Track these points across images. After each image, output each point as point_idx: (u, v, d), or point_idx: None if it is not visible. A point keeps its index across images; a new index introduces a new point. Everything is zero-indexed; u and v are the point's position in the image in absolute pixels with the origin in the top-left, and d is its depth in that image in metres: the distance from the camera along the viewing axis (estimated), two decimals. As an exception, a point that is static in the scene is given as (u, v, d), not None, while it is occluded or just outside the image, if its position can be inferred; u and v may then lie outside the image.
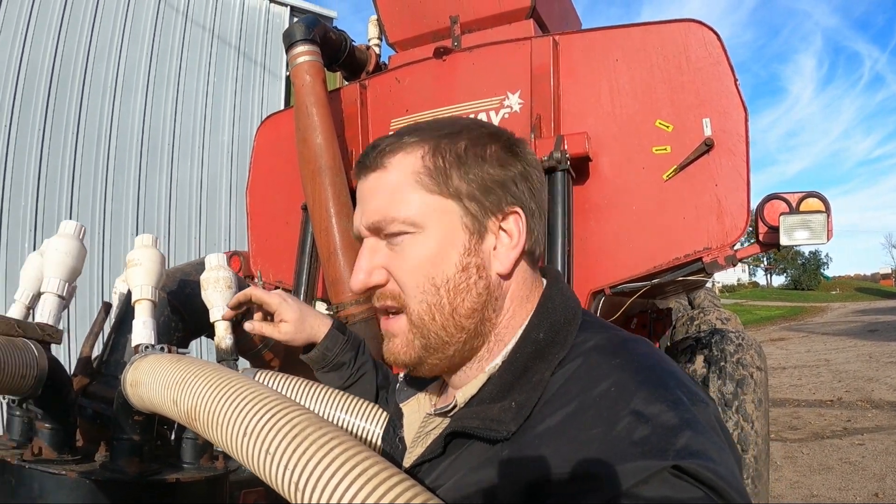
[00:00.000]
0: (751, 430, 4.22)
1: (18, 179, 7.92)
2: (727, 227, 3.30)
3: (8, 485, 1.52)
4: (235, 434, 1.03)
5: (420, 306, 1.24)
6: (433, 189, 1.23)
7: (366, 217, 1.27)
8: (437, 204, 1.23)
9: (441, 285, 1.23)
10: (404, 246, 1.24)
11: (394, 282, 1.26)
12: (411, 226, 1.23)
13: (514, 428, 1.12)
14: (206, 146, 9.71)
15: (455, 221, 1.24)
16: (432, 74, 4.11)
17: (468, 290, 1.24)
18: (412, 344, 1.26)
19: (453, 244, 1.23)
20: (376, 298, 1.30)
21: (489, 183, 1.25)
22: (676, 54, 3.42)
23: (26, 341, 1.52)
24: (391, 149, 1.27)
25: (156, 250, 1.78)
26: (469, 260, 1.24)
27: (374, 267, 1.27)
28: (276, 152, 4.89)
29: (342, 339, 1.97)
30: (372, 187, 1.27)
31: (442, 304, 1.23)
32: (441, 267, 1.23)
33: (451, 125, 1.31)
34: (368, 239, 1.29)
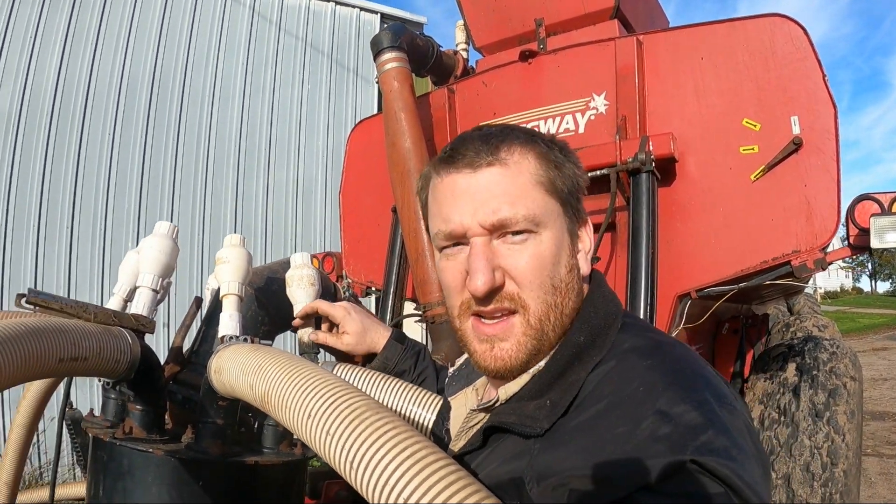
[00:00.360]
0: (841, 442, 4.05)
1: (122, 182, 8.25)
2: (817, 228, 3.19)
3: (100, 460, 1.61)
4: (301, 416, 1.08)
5: (541, 307, 1.24)
6: (549, 190, 1.26)
7: (481, 214, 1.24)
8: (552, 205, 1.26)
9: (558, 285, 1.25)
10: (527, 245, 1.23)
11: (511, 282, 1.24)
12: (535, 225, 1.23)
13: (546, 425, 1.16)
14: (302, 151, 9.94)
15: (562, 224, 1.28)
16: (519, 77, 4.12)
17: (573, 291, 1.28)
18: (524, 347, 1.25)
19: (563, 245, 1.27)
20: (495, 301, 1.25)
21: (579, 189, 1.31)
22: (762, 50, 3.33)
23: (122, 330, 1.61)
24: (506, 145, 1.26)
25: (243, 249, 1.85)
26: (573, 262, 1.29)
27: (495, 267, 1.24)
28: (367, 156, 4.96)
29: (400, 348, 2.03)
30: (489, 183, 1.25)
31: (557, 304, 1.25)
32: (557, 267, 1.25)
33: (534, 132, 1.33)
34: (479, 238, 1.25)
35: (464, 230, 1.25)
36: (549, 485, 1.07)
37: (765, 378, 4.68)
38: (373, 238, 4.80)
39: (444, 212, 1.29)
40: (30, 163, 7.70)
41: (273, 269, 2.22)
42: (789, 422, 4.22)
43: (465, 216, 1.25)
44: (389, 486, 0.92)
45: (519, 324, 1.25)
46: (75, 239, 7.90)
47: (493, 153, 1.25)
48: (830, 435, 4.09)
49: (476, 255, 1.23)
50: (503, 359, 1.26)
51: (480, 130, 1.32)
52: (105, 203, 8.12)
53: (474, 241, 1.25)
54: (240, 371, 1.31)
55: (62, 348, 1.31)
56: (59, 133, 7.92)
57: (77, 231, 7.93)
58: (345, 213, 5.16)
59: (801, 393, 4.29)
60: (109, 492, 1.57)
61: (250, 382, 1.24)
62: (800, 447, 4.09)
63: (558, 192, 1.27)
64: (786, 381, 4.46)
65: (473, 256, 1.24)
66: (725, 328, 5.06)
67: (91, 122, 8.15)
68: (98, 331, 1.48)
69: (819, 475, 3.97)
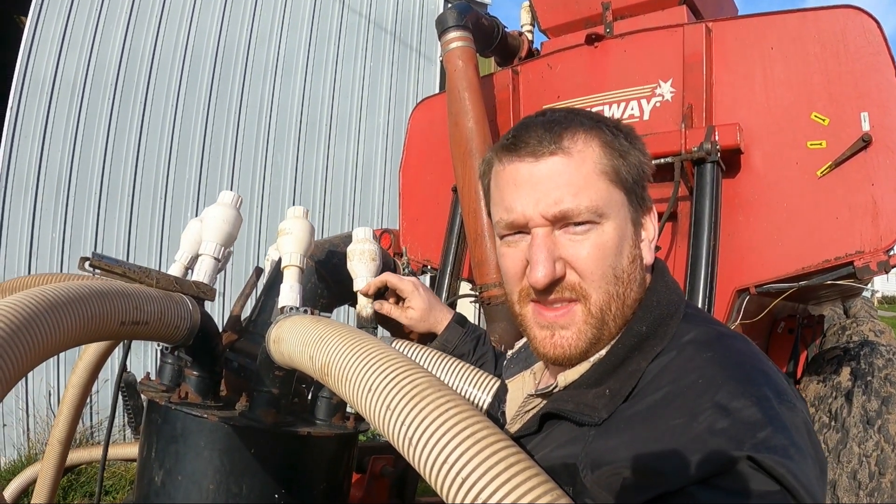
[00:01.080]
0: (891, 452, 3.93)
1: (184, 152, 8.35)
2: (882, 230, 3.10)
3: (154, 423, 1.63)
4: (361, 389, 1.08)
5: (602, 297, 1.25)
6: (614, 180, 1.25)
7: (544, 205, 1.24)
8: (615, 195, 1.25)
9: (620, 275, 1.25)
10: (590, 236, 1.24)
11: (573, 272, 1.25)
12: (598, 216, 1.23)
13: (605, 415, 1.15)
14: (363, 127, 9.95)
15: (626, 214, 1.27)
16: (584, 61, 4.07)
17: (636, 281, 1.28)
18: (584, 335, 1.26)
19: (626, 236, 1.26)
20: (556, 291, 1.26)
21: (644, 177, 1.29)
22: (834, 43, 3.24)
23: (182, 296, 1.63)
24: (569, 133, 1.25)
25: (306, 221, 1.85)
26: (636, 252, 1.28)
27: (556, 257, 1.24)
28: (428, 135, 4.96)
29: (461, 331, 2.03)
30: (551, 172, 1.24)
31: (619, 294, 1.25)
32: (620, 258, 1.25)
33: (601, 117, 1.32)
34: (540, 229, 1.25)
35: (525, 220, 1.26)
36: (603, 473, 1.07)
37: (818, 381, 4.59)
38: (431, 216, 4.80)
39: (507, 201, 1.29)
40: (93, 131, 7.81)
41: (334, 242, 2.22)
42: (839, 427, 4.13)
43: (528, 206, 1.25)
44: (448, 465, 0.91)
45: (580, 312, 1.25)
46: (136, 207, 8.01)
47: (556, 141, 1.24)
48: (880, 444, 3.98)
49: (537, 246, 1.24)
50: (563, 346, 1.27)
51: (544, 116, 1.31)
52: (167, 172, 8.23)
53: (536, 231, 1.25)
54: (300, 342, 1.31)
55: (125, 312, 1.33)
56: (122, 103, 8.02)
57: (138, 199, 8.03)
58: (404, 191, 5.16)
59: (854, 398, 4.19)
60: (162, 454, 1.59)
61: (310, 354, 1.25)
62: (848, 454, 4.00)
63: (623, 182, 1.25)
64: (839, 386, 4.37)
65: (534, 248, 1.24)
66: (781, 327, 4.98)
67: (155, 93, 8.24)
68: (159, 296, 1.50)
69: (865, 484, 3.89)
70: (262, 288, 2.02)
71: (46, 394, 7.38)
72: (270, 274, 2.01)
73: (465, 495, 0.89)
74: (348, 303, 2.17)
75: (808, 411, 1.14)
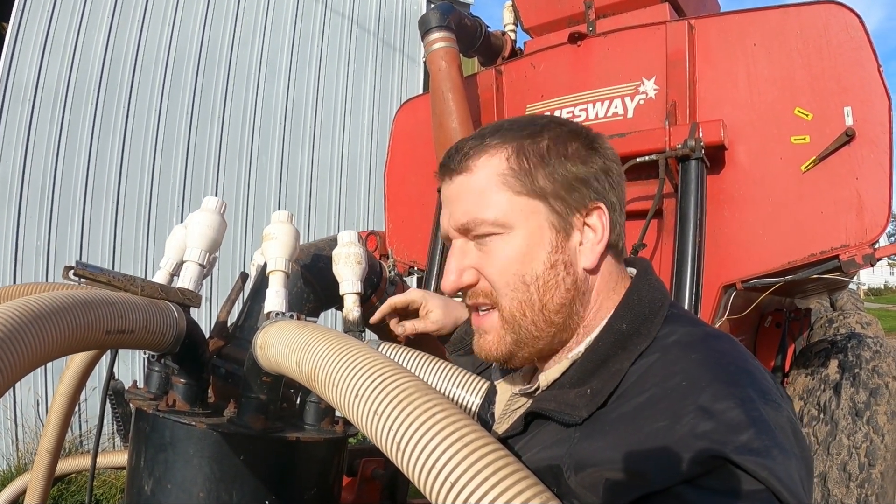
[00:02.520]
0: (880, 443, 3.95)
1: (168, 156, 8.32)
2: (867, 223, 3.11)
3: (142, 431, 1.63)
4: (348, 395, 1.08)
5: (511, 303, 1.29)
6: (519, 190, 1.27)
7: (454, 219, 1.34)
8: (523, 204, 1.27)
9: (531, 283, 1.27)
10: (493, 246, 1.29)
11: (485, 280, 1.32)
12: (500, 227, 1.28)
13: (586, 414, 1.16)
14: (347, 129, 9.93)
15: (542, 220, 1.28)
16: (567, 60, 4.07)
17: (557, 286, 1.28)
18: (504, 340, 1.32)
19: (541, 243, 1.28)
20: (468, 296, 1.36)
21: (572, 181, 1.28)
22: (816, 38, 3.26)
23: (168, 303, 1.62)
24: (475, 151, 1.31)
25: (291, 225, 1.85)
26: (557, 257, 1.28)
27: (464, 268, 1.33)
28: (413, 136, 4.95)
29: None
30: (458, 190, 1.33)
31: (532, 300, 1.28)
32: (530, 265, 1.27)
33: (532, 124, 1.33)
34: (457, 240, 1.35)
35: (446, 234, 1.39)
36: (587, 474, 1.07)
37: (806, 374, 4.60)
38: (417, 218, 4.79)
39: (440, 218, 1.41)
40: (76, 137, 7.77)
41: (319, 246, 2.22)
42: (828, 419, 4.15)
43: (444, 222, 1.38)
44: (437, 469, 0.91)
45: (496, 319, 1.33)
46: (120, 213, 7.98)
47: (463, 160, 1.32)
48: (870, 435, 3.99)
49: (449, 256, 1.36)
50: (486, 349, 1.36)
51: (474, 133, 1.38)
52: (150, 178, 8.19)
53: (454, 242, 1.37)
54: (286, 347, 1.31)
55: (110, 320, 1.32)
56: (105, 107, 7.98)
57: (123, 205, 8.00)
58: (389, 193, 5.15)
59: (842, 391, 4.20)
60: (151, 463, 1.59)
61: (297, 359, 1.24)
62: (838, 446, 4.02)
63: (539, 191, 1.27)
64: (827, 378, 4.38)
65: (448, 258, 1.37)
66: (768, 321, 4.99)
67: (138, 97, 8.20)
68: (145, 304, 1.49)
69: (856, 475, 3.90)
70: (248, 293, 2.01)
71: (34, 403, 7.34)
72: (256, 279, 2.00)
73: (454, 499, 0.89)
74: (335, 307, 2.17)
75: (793, 410, 1.14)
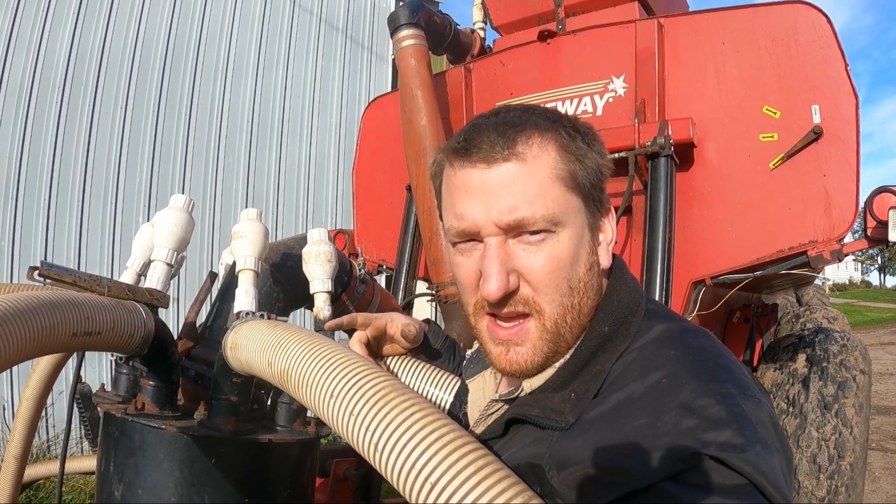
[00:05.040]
0: (849, 435, 4.04)
1: (134, 156, 8.22)
2: (834, 219, 3.16)
3: (111, 436, 1.60)
4: (322, 395, 1.06)
5: (556, 310, 1.19)
6: (570, 185, 1.18)
7: (497, 213, 1.16)
8: (572, 202, 1.18)
9: (575, 286, 1.19)
10: (545, 246, 1.17)
11: (526, 285, 1.18)
12: (554, 225, 1.16)
13: (572, 419, 1.13)
14: (315, 127, 9.91)
15: (583, 220, 1.21)
16: (537, 58, 4.09)
17: (592, 289, 1.23)
18: (540, 351, 1.21)
19: (583, 243, 1.20)
20: (508, 304, 1.19)
21: (601, 179, 1.23)
22: (785, 37, 3.30)
23: (135, 304, 1.59)
24: (523, 138, 1.18)
25: (260, 224, 1.83)
26: (593, 259, 1.23)
27: (510, 270, 1.17)
28: (382, 134, 4.94)
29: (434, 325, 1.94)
30: (504, 180, 1.16)
31: (574, 304, 1.20)
32: (576, 268, 1.19)
33: (558, 116, 1.24)
34: (493, 238, 1.18)
35: (477, 229, 1.19)
36: (570, 473, 1.06)
37: (774, 368, 4.66)
38: (386, 216, 4.79)
39: (458, 208, 1.21)
40: (41, 135, 7.66)
41: (289, 244, 2.20)
42: (797, 413, 4.20)
43: (479, 214, 1.17)
44: (417, 469, 0.90)
45: (535, 328, 1.20)
46: (86, 212, 7.87)
47: (510, 146, 1.16)
48: (838, 427, 4.07)
49: (490, 257, 1.17)
50: (518, 363, 1.21)
51: (497, 116, 1.23)
52: (116, 176, 8.09)
53: (489, 241, 1.18)
54: (257, 348, 1.29)
55: (76, 322, 1.29)
56: (70, 105, 7.86)
57: (88, 204, 7.89)
58: (358, 191, 5.14)
59: (811, 384, 4.26)
60: (120, 467, 1.57)
61: (268, 360, 1.22)
62: (807, 438, 4.08)
63: (580, 187, 1.19)
64: (795, 372, 4.44)
65: (487, 259, 1.17)
66: (737, 316, 5.04)
67: (104, 95, 8.10)
68: (112, 305, 1.46)
69: (825, 467, 3.96)
70: (217, 293, 1.99)
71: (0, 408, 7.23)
72: (225, 278, 1.98)
73: (435, 500, 0.88)
74: (305, 306, 2.15)
75: (772, 404, 1.14)
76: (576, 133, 1.21)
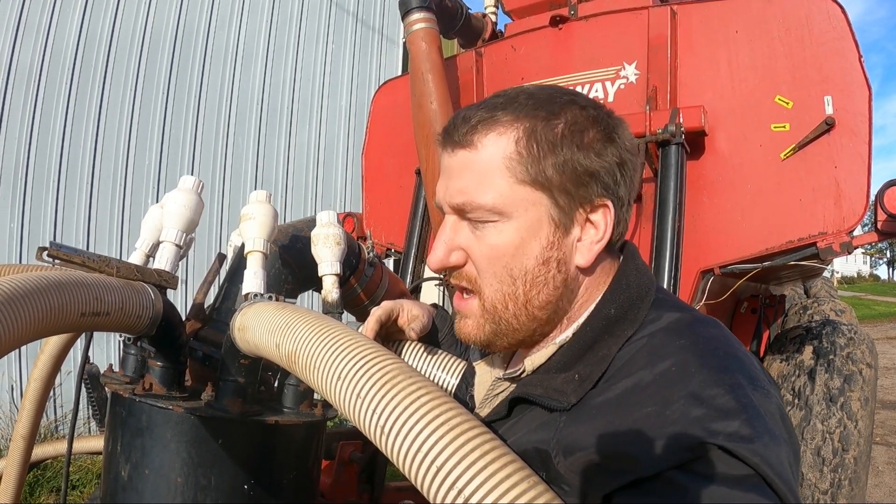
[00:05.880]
0: (854, 429, 4.01)
1: (143, 138, 8.22)
2: (845, 211, 3.15)
3: (119, 416, 1.60)
4: (330, 377, 1.05)
5: (495, 294, 1.24)
6: (524, 178, 1.18)
7: (449, 195, 1.25)
8: (525, 194, 1.19)
9: (518, 276, 1.21)
10: (486, 233, 1.22)
11: (472, 265, 1.25)
12: (496, 214, 1.20)
13: (574, 400, 1.13)
14: (325, 110, 9.88)
15: (542, 213, 1.20)
16: (548, 43, 4.07)
17: (545, 283, 1.23)
18: (482, 328, 1.27)
19: (537, 236, 1.20)
20: (453, 277, 1.30)
21: (582, 174, 1.19)
22: (799, 27, 3.28)
23: (144, 285, 1.58)
24: (483, 126, 1.21)
25: (269, 206, 1.82)
26: (551, 254, 1.21)
27: (453, 247, 1.26)
28: (391, 118, 4.94)
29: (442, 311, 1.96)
30: (458, 166, 1.23)
31: (517, 294, 1.22)
32: (521, 259, 1.21)
33: (551, 103, 1.23)
34: (450, 217, 1.27)
35: (440, 205, 1.29)
36: (576, 459, 1.05)
37: (780, 359, 4.65)
38: (395, 200, 4.78)
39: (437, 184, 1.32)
40: (51, 118, 7.66)
41: (298, 227, 2.19)
42: (803, 405, 4.19)
43: (441, 193, 1.28)
44: (423, 453, 0.90)
45: (476, 306, 1.27)
46: (95, 194, 7.88)
47: (470, 133, 1.22)
48: (843, 421, 4.05)
49: (440, 231, 1.28)
50: (466, 333, 1.30)
51: (486, 101, 1.27)
52: (126, 159, 8.09)
53: (446, 218, 1.28)
54: (265, 329, 1.29)
55: (85, 302, 1.29)
56: (80, 89, 7.86)
57: (97, 185, 7.89)
58: (367, 174, 5.14)
59: (817, 376, 4.25)
60: (128, 448, 1.56)
61: (276, 341, 1.22)
62: (812, 431, 4.07)
63: (540, 181, 1.18)
64: (802, 364, 4.42)
65: (438, 233, 1.29)
66: (744, 307, 5.03)
67: (113, 79, 8.09)
68: (120, 285, 1.46)
69: (829, 460, 3.96)
70: (226, 274, 1.99)
71: (9, 388, 7.25)
72: (233, 260, 1.97)
73: (440, 484, 0.88)
74: (313, 288, 2.15)
75: (780, 396, 1.14)
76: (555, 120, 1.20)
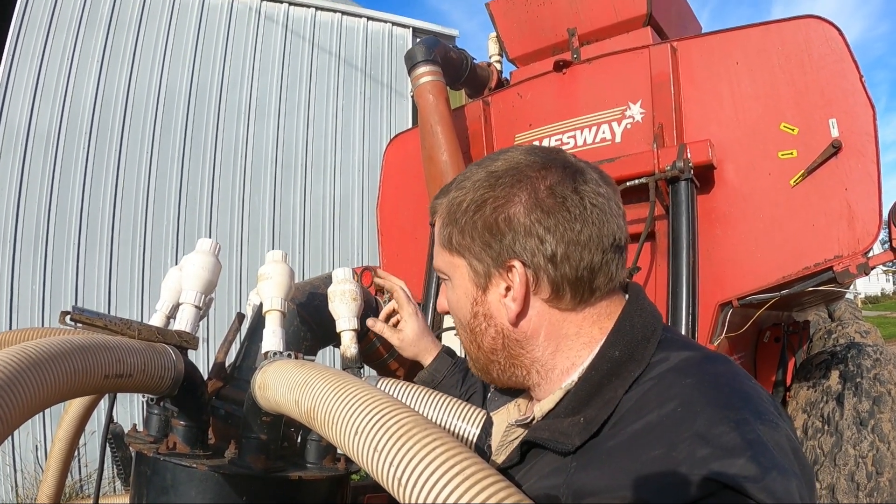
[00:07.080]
0: (886, 451, 3.93)
1: (161, 200, 8.34)
2: (859, 233, 3.13)
3: (143, 475, 1.61)
4: (347, 432, 1.07)
5: (462, 338, 1.47)
6: (447, 246, 1.39)
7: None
8: (450, 259, 1.40)
9: (464, 326, 1.42)
10: (445, 289, 1.48)
11: None
12: (445, 275, 1.44)
13: (578, 442, 1.14)
14: (338, 165, 9.96)
15: (464, 275, 1.37)
16: (554, 88, 4.11)
17: (482, 333, 1.38)
18: (470, 364, 1.50)
19: (466, 294, 1.38)
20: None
21: (489, 239, 1.30)
22: (798, 53, 3.30)
23: (165, 346, 1.61)
24: (437, 203, 1.44)
25: (285, 265, 1.85)
26: (477, 309, 1.38)
27: (442, 299, 1.52)
28: (404, 170, 4.97)
29: (450, 362, 2.08)
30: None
31: (470, 339, 1.43)
32: (460, 311, 1.42)
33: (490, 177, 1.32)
34: None
35: None
36: None
37: (807, 386, 4.60)
38: (410, 251, 4.79)
39: None
40: (69, 182, 7.80)
41: (315, 284, 2.22)
42: (833, 430, 4.14)
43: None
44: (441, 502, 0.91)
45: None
46: (115, 256, 7.98)
47: (433, 209, 1.47)
48: (875, 443, 3.98)
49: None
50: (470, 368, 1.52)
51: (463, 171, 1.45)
52: (144, 220, 8.20)
53: None
54: (285, 387, 1.31)
55: (108, 365, 1.32)
56: (97, 152, 8.01)
57: (117, 248, 8.00)
58: (382, 228, 5.16)
59: (845, 401, 4.20)
60: (154, 506, 1.58)
61: (296, 398, 1.24)
62: (844, 456, 4.00)
63: (456, 248, 1.36)
64: (829, 389, 4.37)
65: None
66: (767, 336, 4.98)
67: (129, 141, 8.24)
68: (142, 347, 1.48)
69: (864, 485, 3.89)
70: (245, 333, 2.01)
71: (33, 448, 7.30)
72: (252, 319, 1.99)
73: None
74: (332, 344, 2.17)
75: (793, 428, 1.13)
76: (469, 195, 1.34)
